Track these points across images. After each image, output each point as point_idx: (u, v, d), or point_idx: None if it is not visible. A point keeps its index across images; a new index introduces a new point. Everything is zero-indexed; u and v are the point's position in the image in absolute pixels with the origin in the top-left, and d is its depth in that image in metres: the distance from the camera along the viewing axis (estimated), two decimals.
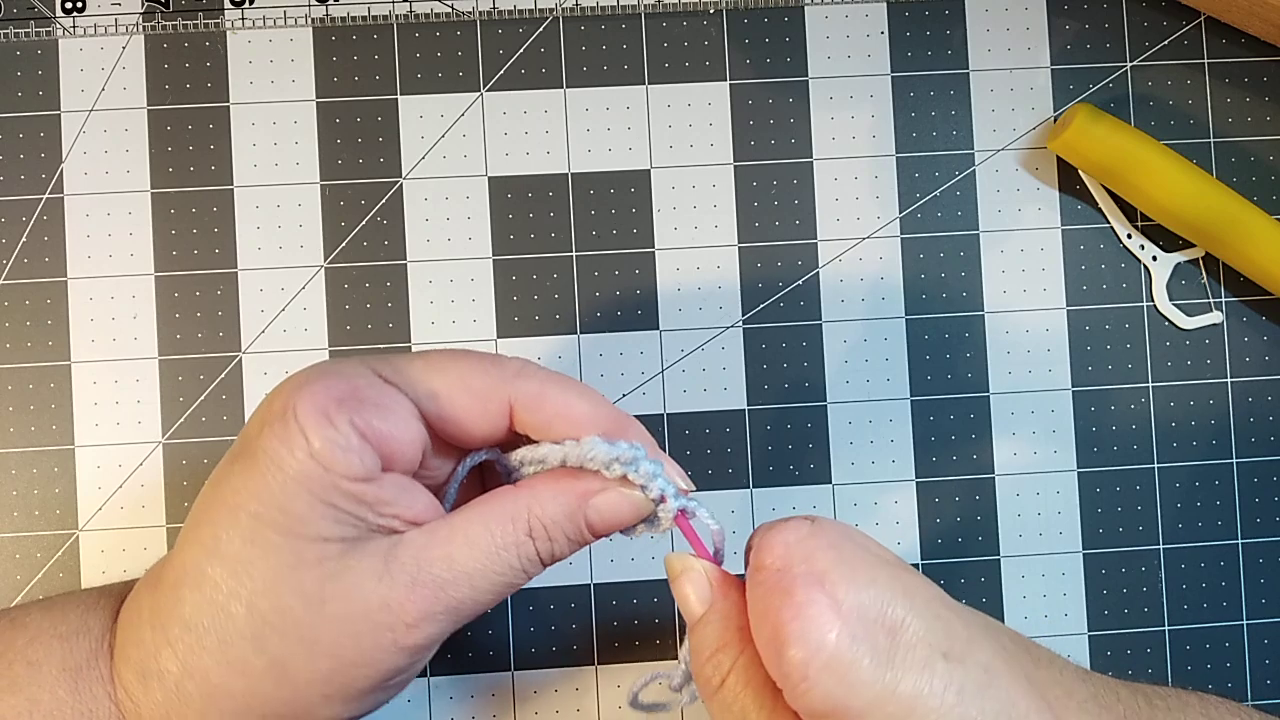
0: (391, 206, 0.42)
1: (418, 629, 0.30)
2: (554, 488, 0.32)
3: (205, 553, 0.30)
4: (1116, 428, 0.42)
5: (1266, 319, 0.43)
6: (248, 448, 0.30)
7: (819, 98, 0.43)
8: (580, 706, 0.41)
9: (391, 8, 0.42)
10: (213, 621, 0.30)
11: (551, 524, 0.32)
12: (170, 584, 0.31)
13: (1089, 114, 0.41)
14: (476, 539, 0.31)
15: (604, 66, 0.42)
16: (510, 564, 0.31)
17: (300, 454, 0.29)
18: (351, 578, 0.30)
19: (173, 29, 0.42)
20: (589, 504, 0.32)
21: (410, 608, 0.30)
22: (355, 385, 0.30)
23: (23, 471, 0.41)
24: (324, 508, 0.30)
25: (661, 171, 0.42)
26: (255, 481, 0.30)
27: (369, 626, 0.30)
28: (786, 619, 0.28)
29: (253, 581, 0.30)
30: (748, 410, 0.42)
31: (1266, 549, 0.42)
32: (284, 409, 0.30)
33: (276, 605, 0.30)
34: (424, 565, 0.30)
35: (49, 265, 0.41)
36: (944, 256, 0.42)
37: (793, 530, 0.30)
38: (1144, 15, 0.43)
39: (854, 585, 0.29)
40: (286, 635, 0.30)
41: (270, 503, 0.29)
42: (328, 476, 0.29)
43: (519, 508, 0.31)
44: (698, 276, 0.42)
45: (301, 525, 0.30)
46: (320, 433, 0.29)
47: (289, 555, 0.30)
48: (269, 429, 0.30)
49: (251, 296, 0.41)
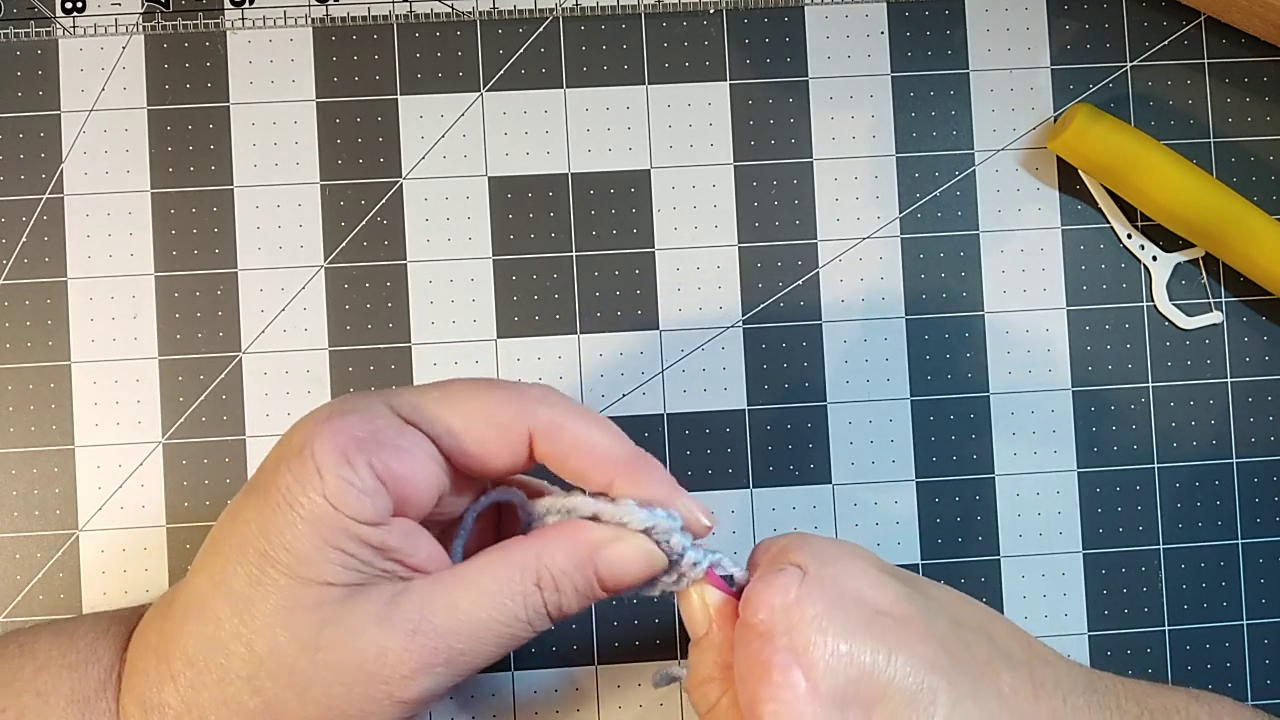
0: (391, 206, 0.42)
1: (414, 681, 0.29)
2: (565, 538, 0.31)
3: (212, 585, 0.30)
4: (1116, 428, 0.42)
5: (1266, 319, 0.43)
6: (263, 483, 0.30)
7: (819, 98, 0.43)
8: (580, 706, 0.41)
9: (391, 8, 0.42)
10: (212, 658, 0.30)
11: (560, 575, 0.31)
12: (178, 615, 0.31)
13: (1089, 114, 0.41)
14: (483, 587, 0.30)
15: (604, 66, 0.42)
16: (516, 615, 0.30)
17: (314, 494, 0.29)
18: (349, 624, 0.29)
19: (173, 29, 0.42)
20: (599, 556, 0.31)
21: (408, 658, 0.29)
22: (375, 426, 0.30)
23: (23, 471, 0.41)
24: (331, 551, 0.29)
25: (661, 171, 0.42)
26: (266, 518, 0.29)
27: (363, 677, 0.29)
28: (763, 698, 0.29)
29: (253, 620, 0.29)
30: (748, 410, 0.42)
31: (1266, 549, 0.42)
32: (302, 446, 0.29)
33: (272, 647, 0.29)
34: (427, 613, 0.30)
35: (49, 265, 0.41)
36: (944, 256, 0.42)
37: (780, 591, 0.30)
38: (1144, 15, 0.43)
39: (832, 667, 0.29)
40: (279, 679, 0.29)
41: (277, 541, 0.29)
42: (338, 519, 0.29)
43: (528, 556, 0.31)
44: (698, 276, 0.42)
45: (305, 567, 0.29)
46: (336, 473, 0.29)
47: (288, 597, 0.29)
48: (285, 465, 0.29)
49: (251, 296, 0.41)
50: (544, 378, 0.41)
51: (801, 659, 0.29)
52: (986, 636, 0.32)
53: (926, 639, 0.30)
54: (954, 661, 0.30)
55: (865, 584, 0.31)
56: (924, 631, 0.30)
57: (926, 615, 0.31)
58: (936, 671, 0.30)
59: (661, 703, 0.41)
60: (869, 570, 0.31)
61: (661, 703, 0.41)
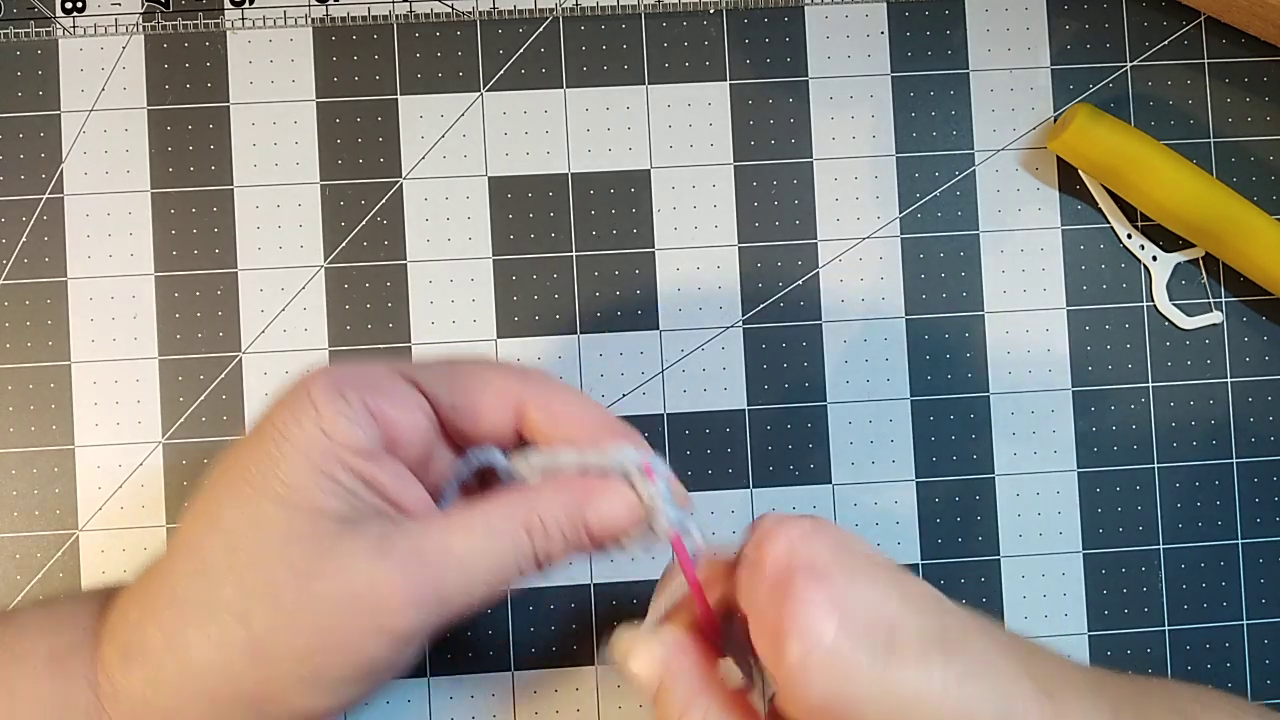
0: (391, 206, 0.42)
1: (403, 614, 0.30)
2: (555, 487, 0.32)
3: (204, 524, 0.31)
4: (1116, 428, 0.42)
5: (1266, 319, 0.43)
6: (259, 426, 0.31)
7: (819, 98, 0.43)
8: (580, 706, 0.41)
9: (391, 8, 0.42)
10: (201, 594, 0.30)
11: (551, 521, 0.32)
12: (166, 560, 0.32)
13: (1089, 114, 0.41)
14: (474, 528, 0.31)
15: (604, 66, 0.42)
16: (505, 558, 0.31)
17: (308, 424, 0.30)
18: (343, 556, 0.30)
19: (173, 29, 0.42)
20: (588, 505, 0.32)
21: (399, 591, 0.30)
22: (370, 373, 0.32)
23: (23, 471, 0.41)
24: (324, 480, 0.30)
25: (661, 171, 0.42)
26: (259, 451, 0.30)
27: (354, 608, 0.30)
28: (786, 614, 0.28)
29: (246, 553, 0.30)
30: (748, 410, 0.42)
31: (1266, 549, 0.42)
32: (298, 387, 0.31)
33: (265, 578, 0.30)
34: (419, 549, 0.30)
35: (49, 265, 0.41)
36: (944, 256, 0.42)
37: (795, 526, 0.30)
38: (1144, 15, 0.43)
39: (854, 583, 0.29)
40: (270, 610, 0.30)
41: (271, 472, 0.30)
42: (330, 446, 0.30)
43: (520, 502, 0.32)
44: (698, 276, 0.42)
45: (298, 495, 0.30)
46: (330, 404, 0.30)
47: (283, 527, 0.30)
48: (281, 404, 0.31)
49: (251, 296, 0.41)
50: None
51: (824, 577, 0.29)
52: (979, 621, 0.32)
53: (934, 594, 0.31)
54: (961, 617, 0.31)
55: (866, 545, 0.31)
56: (931, 590, 0.31)
57: (927, 585, 0.31)
58: (950, 609, 0.30)
59: None
60: (865, 542, 0.32)
61: None
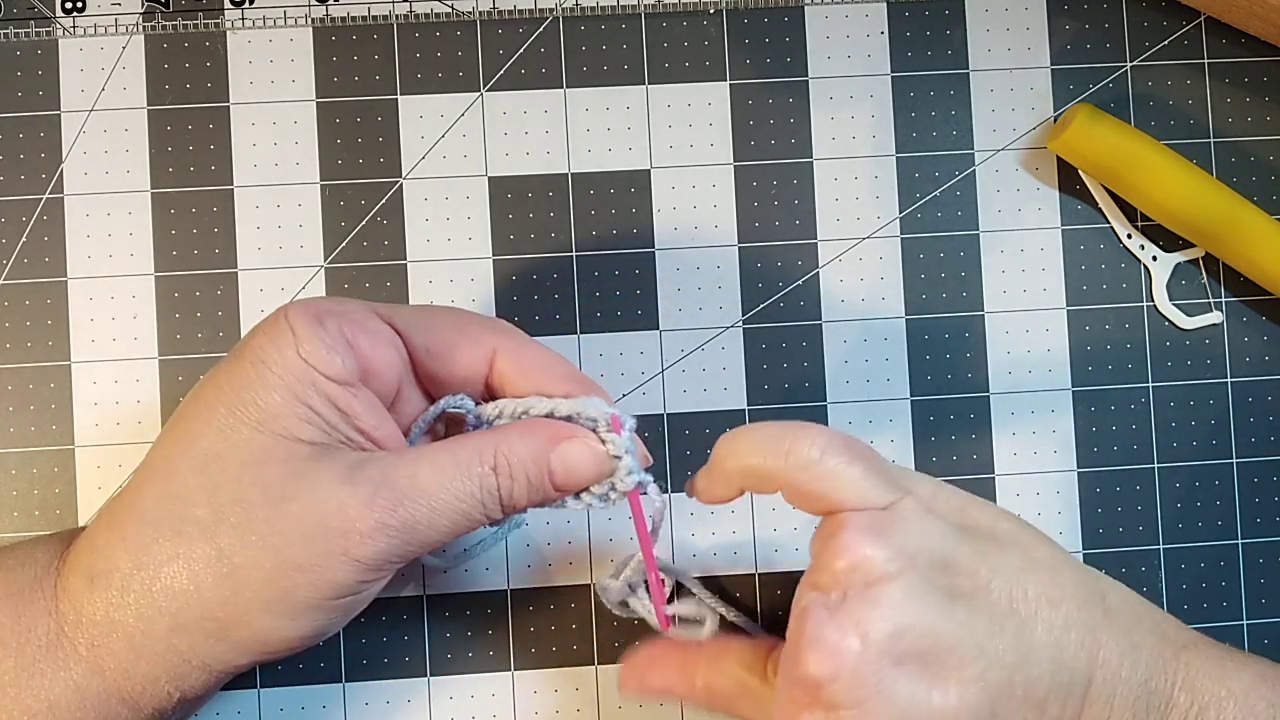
0: (391, 206, 0.42)
1: (370, 540, 0.31)
2: (523, 430, 0.33)
3: (177, 447, 0.31)
4: (1116, 428, 0.42)
5: (1266, 319, 0.43)
6: (236, 351, 0.32)
7: (819, 98, 0.43)
8: (580, 706, 0.41)
9: (391, 8, 0.42)
10: (171, 512, 0.31)
11: (517, 462, 0.32)
12: (135, 484, 0.32)
13: (1089, 114, 0.41)
14: (442, 463, 0.32)
15: (604, 66, 0.42)
16: (472, 493, 0.32)
17: (287, 349, 0.31)
18: (315, 479, 0.30)
19: (173, 29, 0.42)
20: (555, 450, 0.33)
21: (367, 516, 0.30)
22: (347, 307, 0.32)
23: (23, 471, 0.41)
24: (300, 406, 0.31)
25: (661, 171, 0.42)
26: (237, 377, 0.31)
27: (322, 530, 0.30)
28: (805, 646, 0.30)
29: (220, 474, 0.31)
30: (748, 410, 0.42)
31: (1266, 549, 0.42)
32: (277, 314, 0.32)
33: (236, 497, 0.30)
34: (389, 478, 0.31)
35: (49, 265, 0.41)
36: (944, 256, 0.42)
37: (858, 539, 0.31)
38: (1144, 15, 0.43)
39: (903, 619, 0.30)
40: (239, 529, 0.30)
41: (248, 397, 0.31)
42: (308, 373, 0.31)
43: (486, 442, 0.32)
44: (698, 276, 0.42)
45: (275, 421, 0.31)
46: (309, 331, 0.31)
47: (258, 450, 0.31)
48: (259, 330, 0.32)
49: (251, 296, 0.41)
50: None
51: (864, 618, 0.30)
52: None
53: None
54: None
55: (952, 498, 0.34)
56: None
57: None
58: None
59: (661, 703, 0.41)
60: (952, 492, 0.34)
61: (661, 703, 0.41)
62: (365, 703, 0.40)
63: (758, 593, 0.41)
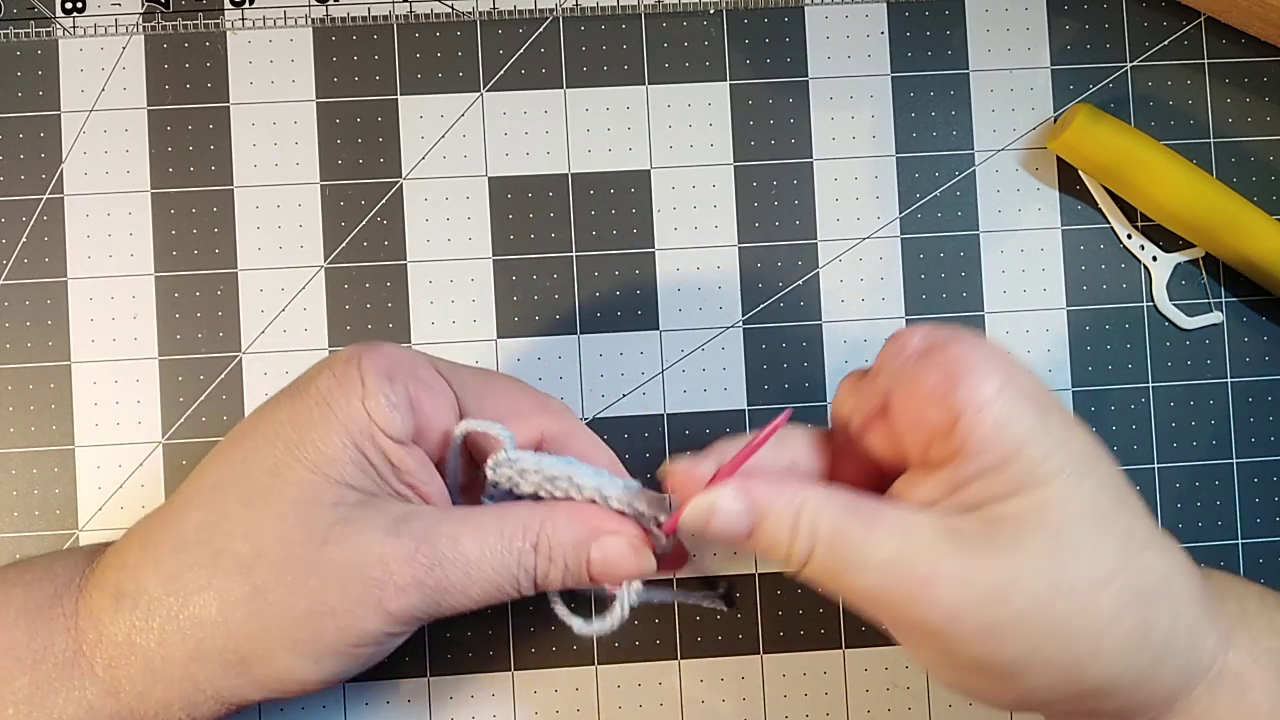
0: (391, 206, 0.42)
1: (404, 594, 0.31)
2: (571, 513, 0.33)
3: (228, 474, 0.32)
4: (1116, 428, 0.42)
5: (1266, 319, 0.43)
6: (301, 386, 0.32)
7: (819, 98, 0.43)
8: (580, 706, 0.41)
9: (391, 8, 0.42)
10: (211, 541, 0.31)
11: (558, 545, 0.32)
12: (176, 506, 0.32)
13: (1089, 114, 0.41)
14: (486, 531, 0.32)
15: (604, 66, 0.42)
16: (508, 567, 0.32)
17: (354, 399, 0.31)
18: (360, 527, 0.31)
19: (173, 29, 0.42)
20: (597, 540, 0.33)
21: (406, 570, 0.31)
22: (415, 362, 0.33)
23: (23, 471, 0.41)
24: (356, 455, 0.31)
25: (661, 171, 0.42)
26: (301, 415, 0.31)
27: (359, 578, 0.30)
28: (966, 363, 0.29)
29: (266, 508, 0.31)
30: (748, 410, 0.42)
31: (1266, 549, 0.42)
32: (349, 358, 0.32)
33: (279, 535, 0.30)
34: (431, 536, 0.31)
35: (49, 265, 0.41)
36: (944, 256, 0.42)
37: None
38: (1144, 15, 0.43)
39: (1015, 365, 0.30)
40: (277, 565, 0.30)
41: (308, 437, 0.31)
42: (370, 426, 0.31)
43: (533, 518, 0.32)
44: (698, 276, 0.42)
45: (330, 465, 0.31)
46: (377, 387, 0.31)
47: (308, 490, 0.31)
48: (329, 370, 0.32)
49: (251, 296, 0.41)
50: (544, 378, 0.41)
51: (989, 348, 0.30)
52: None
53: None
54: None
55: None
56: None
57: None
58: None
59: (661, 703, 0.41)
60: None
61: (661, 703, 0.41)
62: (365, 702, 0.40)
63: (758, 591, 0.41)
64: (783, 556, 0.30)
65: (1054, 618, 0.28)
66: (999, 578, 0.28)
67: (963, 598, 0.28)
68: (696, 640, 0.41)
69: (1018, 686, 0.29)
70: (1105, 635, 0.28)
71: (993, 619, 0.28)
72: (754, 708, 0.41)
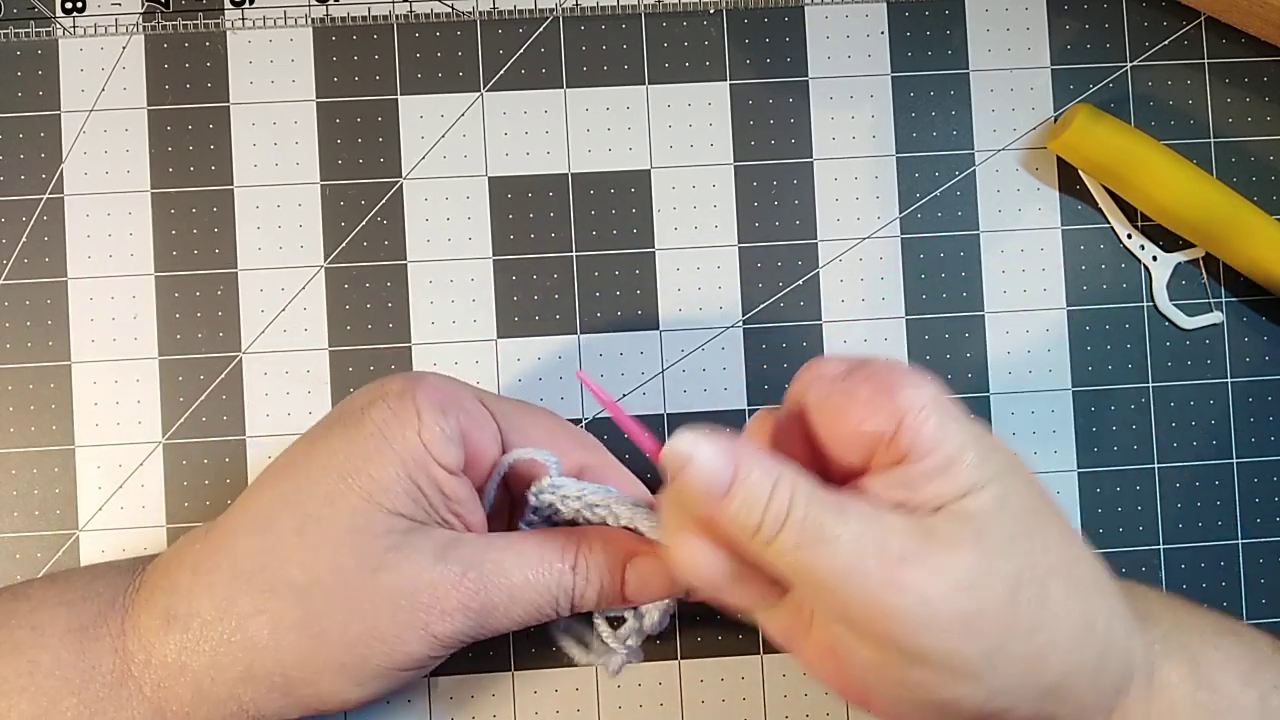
0: (391, 206, 0.42)
1: (450, 619, 0.32)
2: (607, 537, 0.34)
3: (282, 502, 0.32)
4: (1116, 428, 0.42)
5: (1266, 319, 0.43)
6: (354, 416, 0.32)
7: (819, 98, 0.43)
8: (580, 707, 0.41)
9: (391, 8, 0.42)
10: (263, 567, 0.31)
11: (594, 566, 0.33)
12: (228, 530, 0.33)
13: (1089, 114, 0.41)
14: (527, 554, 0.33)
15: (604, 66, 0.42)
16: (548, 588, 0.33)
17: (410, 431, 0.32)
18: (410, 554, 0.32)
19: (173, 29, 0.42)
20: (632, 561, 0.34)
21: (453, 595, 0.32)
22: (465, 395, 0.34)
23: (23, 471, 0.41)
24: (410, 485, 0.32)
25: (661, 171, 0.42)
26: (356, 445, 0.32)
27: (409, 603, 0.31)
28: (896, 375, 0.29)
29: (320, 536, 0.31)
30: (748, 410, 0.42)
31: (1266, 549, 0.42)
32: (404, 390, 0.32)
33: (333, 563, 0.31)
34: (477, 562, 0.32)
35: (49, 265, 0.41)
36: (944, 256, 0.42)
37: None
38: (1144, 15, 0.43)
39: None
40: (331, 593, 0.31)
41: (363, 468, 0.32)
42: (425, 457, 0.32)
43: (570, 542, 0.34)
44: (698, 276, 0.42)
45: (384, 495, 0.31)
46: (433, 419, 0.32)
47: (361, 519, 0.31)
48: (384, 403, 0.32)
49: (251, 296, 0.41)
50: (544, 378, 0.41)
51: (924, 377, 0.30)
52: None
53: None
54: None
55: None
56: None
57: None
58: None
59: (662, 703, 0.41)
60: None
61: (662, 703, 0.41)
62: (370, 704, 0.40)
63: None
64: (753, 525, 0.28)
65: (1018, 607, 0.28)
66: (969, 566, 0.28)
67: (934, 583, 0.28)
68: (696, 640, 0.41)
69: (980, 690, 0.29)
70: (1061, 624, 0.29)
71: (962, 609, 0.28)
72: (754, 708, 0.41)
